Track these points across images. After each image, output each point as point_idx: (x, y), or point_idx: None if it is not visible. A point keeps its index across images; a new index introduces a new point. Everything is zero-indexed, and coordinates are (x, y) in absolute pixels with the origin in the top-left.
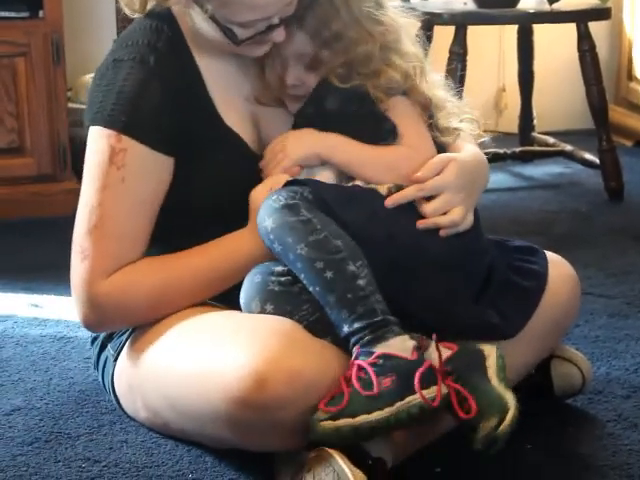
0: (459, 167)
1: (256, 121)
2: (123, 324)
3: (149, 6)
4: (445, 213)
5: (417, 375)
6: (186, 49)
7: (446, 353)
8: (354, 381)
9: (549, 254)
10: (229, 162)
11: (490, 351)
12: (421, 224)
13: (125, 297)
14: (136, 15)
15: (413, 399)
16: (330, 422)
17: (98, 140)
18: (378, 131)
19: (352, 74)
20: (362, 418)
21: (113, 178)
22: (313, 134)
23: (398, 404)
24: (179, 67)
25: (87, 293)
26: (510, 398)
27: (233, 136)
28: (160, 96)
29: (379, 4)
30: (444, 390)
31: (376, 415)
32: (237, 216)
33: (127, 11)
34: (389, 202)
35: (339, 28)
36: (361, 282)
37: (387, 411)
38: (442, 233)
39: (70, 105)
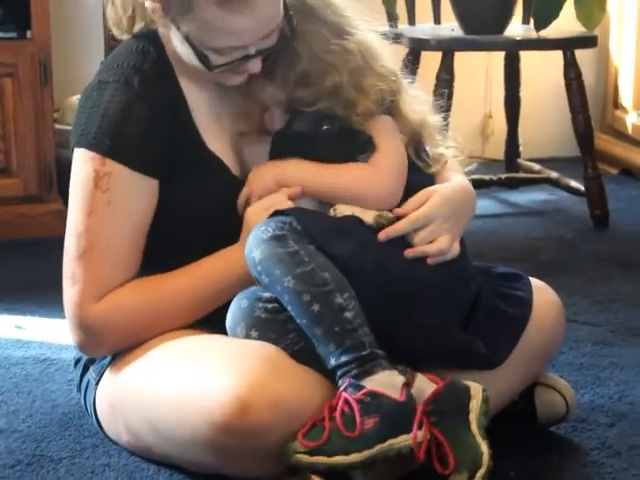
0: (443, 197)
1: (238, 145)
2: (117, 346)
3: (137, 27)
4: (432, 241)
5: (416, 421)
6: (171, 72)
7: (431, 388)
8: (337, 416)
9: (534, 281)
10: (211, 186)
11: (476, 392)
12: (409, 253)
13: (117, 319)
14: (124, 36)
15: (393, 443)
16: (306, 456)
17: (82, 163)
18: (354, 145)
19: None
20: (339, 459)
21: (99, 202)
22: (272, 166)
23: (377, 447)
24: (164, 90)
25: (79, 317)
26: (485, 451)
27: (215, 160)
28: (144, 118)
29: (338, 32)
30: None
31: (353, 457)
32: (219, 239)
33: (115, 32)
34: (382, 236)
35: (303, 68)
36: (348, 315)
37: (365, 453)
38: (430, 261)
39: (57, 126)
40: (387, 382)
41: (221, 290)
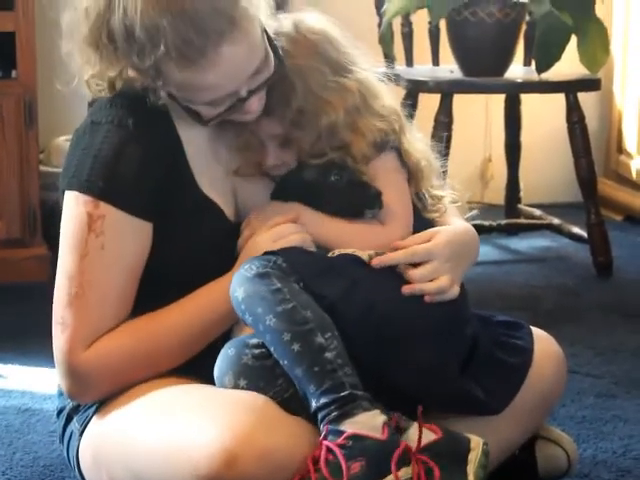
0: (446, 237)
1: (234, 190)
2: (108, 391)
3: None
4: (432, 281)
5: (394, 459)
6: (166, 115)
7: (429, 438)
8: (322, 466)
9: (535, 330)
10: (204, 230)
11: (476, 445)
12: (407, 290)
13: (106, 364)
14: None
15: None
16: None
17: (75, 206)
18: (362, 200)
19: (325, 150)
20: None
21: (92, 246)
22: (275, 207)
23: None
24: (158, 132)
25: (67, 364)
26: None
27: (210, 204)
28: (138, 160)
29: (338, 69)
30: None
31: None
32: (211, 279)
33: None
34: (376, 262)
35: (299, 104)
36: (329, 355)
37: None
38: (427, 299)
39: (42, 168)
40: (368, 423)
41: (210, 325)
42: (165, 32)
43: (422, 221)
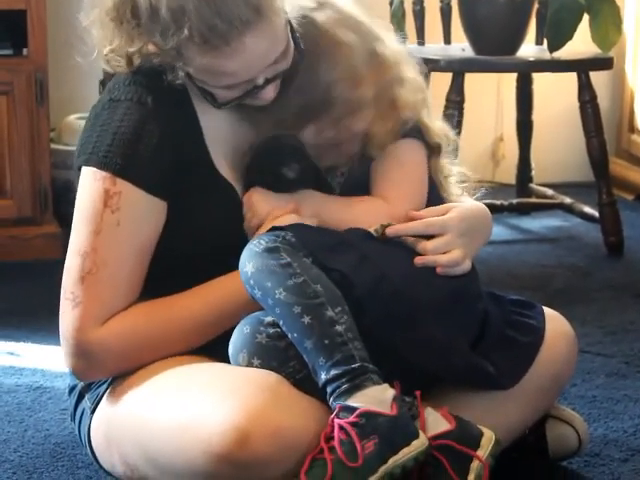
0: (462, 212)
1: None
2: (117, 371)
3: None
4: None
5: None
6: (185, 94)
7: (442, 427)
8: (337, 446)
9: (546, 309)
10: (219, 210)
11: (486, 441)
12: (419, 261)
13: (119, 344)
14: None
15: (396, 459)
16: None
17: (92, 182)
18: (277, 164)
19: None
20: None
21: (107, 222)
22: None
23: (382, 469)
24: (177, 111)
25: (78, 341)
26: None
27: (226, 185)
28: (157, 138)
29: (368, 43)
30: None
31: None
32: (224, 264)
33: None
34: (391, 231)
35: (332, 77)
36: (339, 328)
37: None
38: (439, 270)
39: (53, 146)
40: (378, 398)
41: (227, 315)
42: (190, 16)
43: (437, 198)
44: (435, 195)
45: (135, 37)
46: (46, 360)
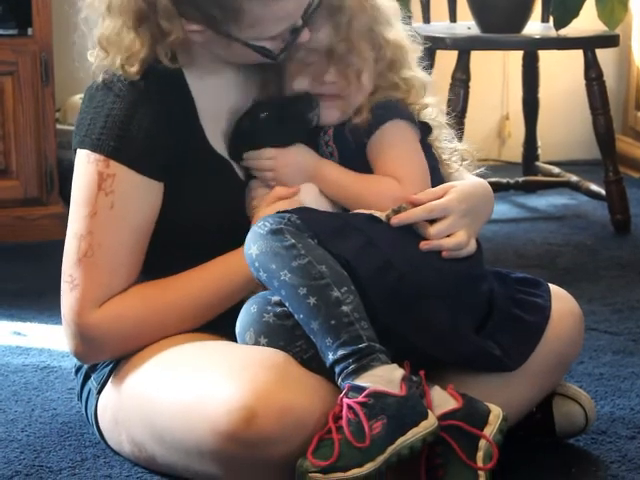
0: (462, 192)
1: None
2: (116, 354)
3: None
4: (449, 236)
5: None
6: (180, 76)
7: (449, 405)
8: (345, 426)
9: (552, 287)
10: (217, 189)
11: (493, 418)
12: (425, 246)
13: (117, 327)
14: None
15: (404, 440)
16: (320, 475)
17: (86, 165)
18: (299, 110)
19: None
20: (354, 472)
21: (101, 204)
22: (300, 155)
23: (389, 449)
24: (172, 92)
25: (76, 324)
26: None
27: (222, 163)
28: (150, 120)
29: (380, 21)
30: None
31: (368, 467)
32: (223, 243)
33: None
34: (395, 221)
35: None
36: (345, 308)
37: (379, 460)
38: (445, 254)
39: (59, 126)
40: (386, 377)
41: (225, 295)
42: None
43: (437, 177)
44: (434, 174)
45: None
46: (53, 340)
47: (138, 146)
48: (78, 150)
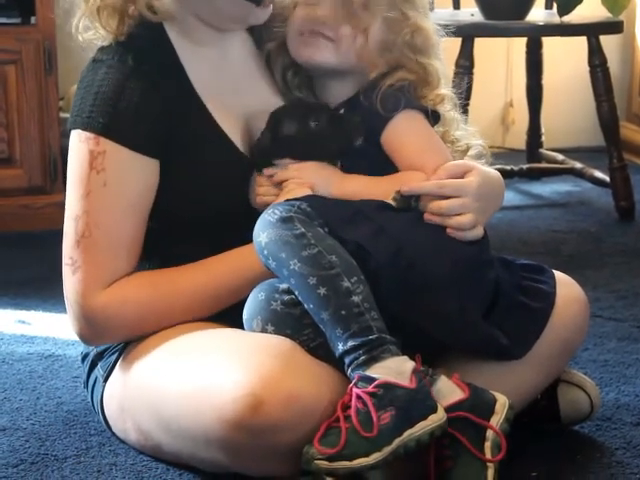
0: (481, 177)
1: (246, 119)
2: (121, 338)
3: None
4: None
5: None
6: (168, 45)
7: (455, 396)
8: (353, 415)
9: (557, 274)
10: (217, 163)
11: (500, 407)
12: (428, 217)
13: (123, 311)
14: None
15: (411, 433)
16: (326, 463)
17: (78, 144)
18: (347, 133)
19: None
20: (360, 461)
21: (94, 183)
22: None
23: (397, 441)
24: (162, 65)
25: (81, 306)
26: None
27: (221, 135)
28: (139, 94)
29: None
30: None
31: (374, 457)
32: (224, 223)
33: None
34: (405, 189)
35: None
36: (356, 298)
37: (385, 451)
38: (449, 232)
39: (62, 115)
40: (396, 369)
41: (235, 289)
42: None
43: None
44: None
45: None
46: (57, 328)
47: (128, 122)
48: (71, 131)
